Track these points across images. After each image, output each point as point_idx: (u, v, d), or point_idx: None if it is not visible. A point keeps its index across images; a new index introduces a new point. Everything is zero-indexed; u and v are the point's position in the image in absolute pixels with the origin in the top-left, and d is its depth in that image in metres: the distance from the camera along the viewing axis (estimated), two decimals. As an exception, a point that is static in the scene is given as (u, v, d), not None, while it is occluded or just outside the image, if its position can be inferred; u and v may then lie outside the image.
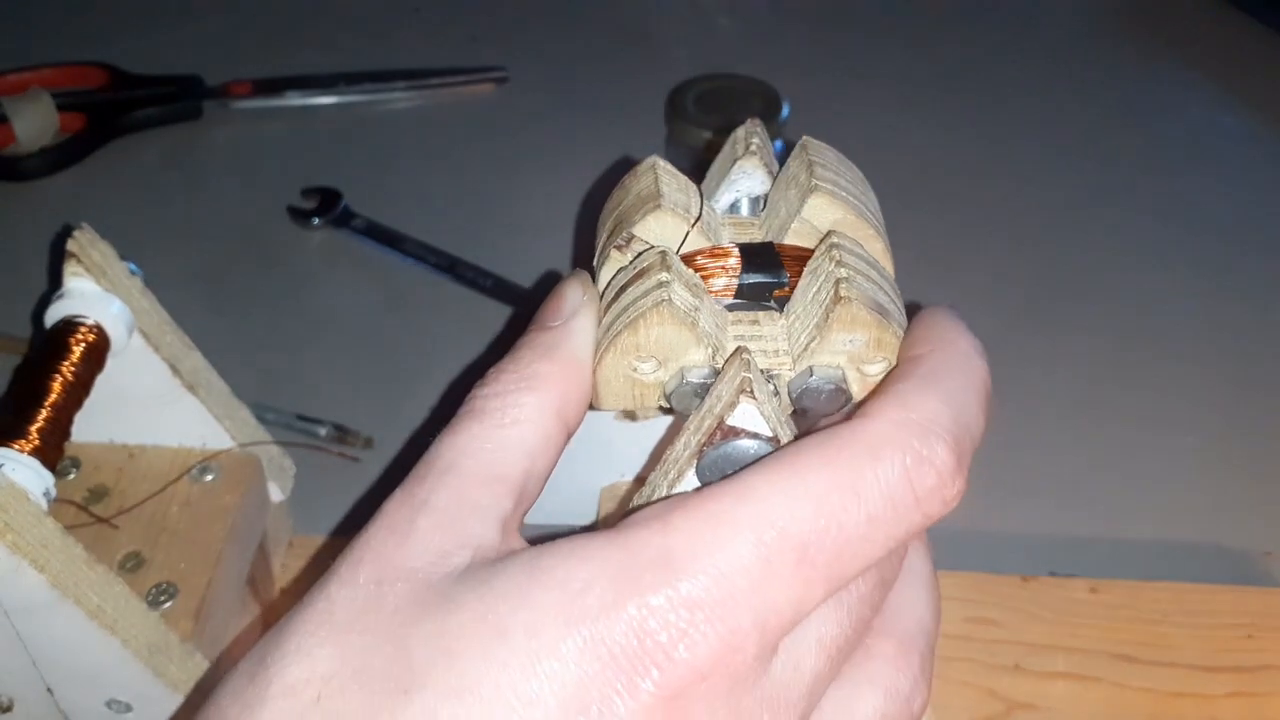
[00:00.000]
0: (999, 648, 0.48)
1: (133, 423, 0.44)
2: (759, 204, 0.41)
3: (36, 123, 0.73)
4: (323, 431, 0.57)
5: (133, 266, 0.42)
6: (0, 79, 0.76)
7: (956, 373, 0.29)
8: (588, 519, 0.50)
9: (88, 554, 0.35)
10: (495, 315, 0.64)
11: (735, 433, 0.31)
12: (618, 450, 0.47)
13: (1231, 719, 0.46)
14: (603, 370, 0.35)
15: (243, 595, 0.46)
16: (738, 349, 0.33)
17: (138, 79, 0.78)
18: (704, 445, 0.32)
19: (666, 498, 0.29)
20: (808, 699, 0.25)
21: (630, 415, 0.46)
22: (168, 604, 0.40)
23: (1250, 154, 0.77)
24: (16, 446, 0.36)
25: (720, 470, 0.32)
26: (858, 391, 0.35)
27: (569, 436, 0.30)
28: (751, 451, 0.31)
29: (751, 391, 0.31)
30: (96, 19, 0.86)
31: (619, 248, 0.37)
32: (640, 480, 0.47)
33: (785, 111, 0.69)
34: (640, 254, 0.37)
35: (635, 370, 0.35)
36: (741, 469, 0.27)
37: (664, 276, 0.34)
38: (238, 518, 0.44)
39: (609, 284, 0.37)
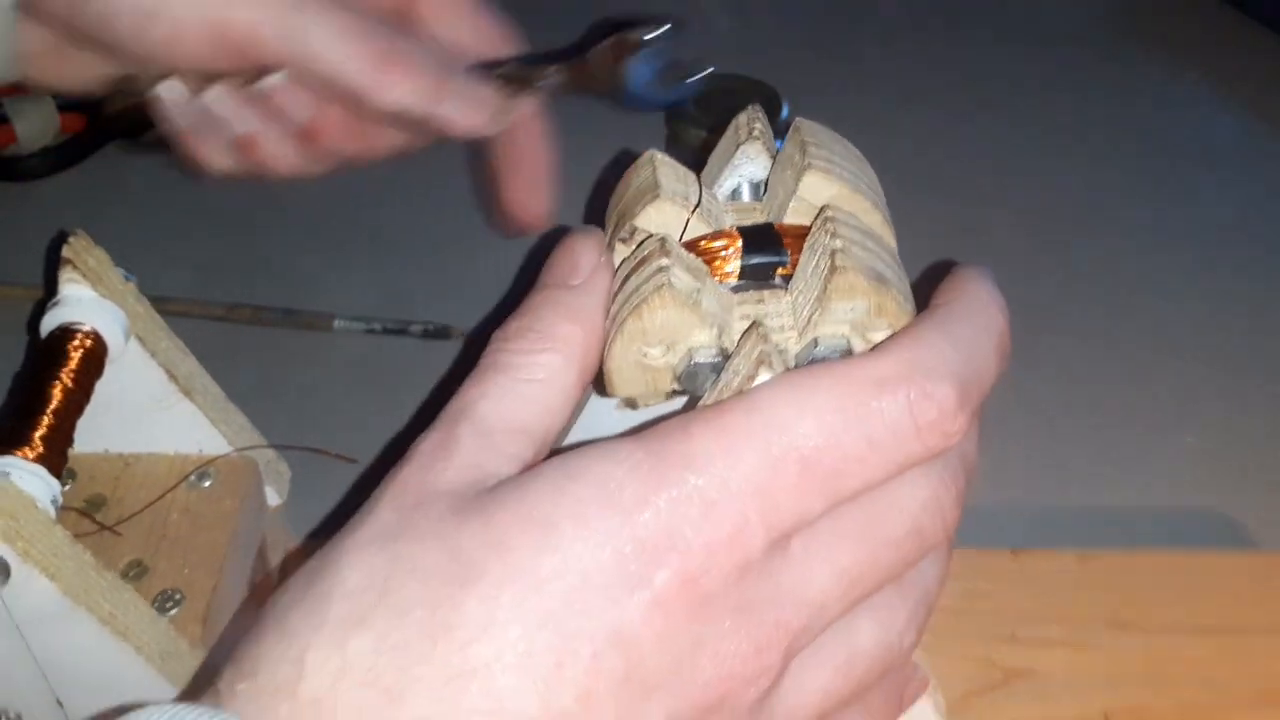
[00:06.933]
0: (994, 620, 0.49)
1: (129, 429, 0.44)
2: (760, 189, 0.41)
3: (37, 123, 0.73)
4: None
5: (126, 273, 0.42)
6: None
7: (971, 317, 0.31)
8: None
9: (96, 561, 0.35)
10: (496, 316, 0.64)
11: None
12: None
13: (1222, 680, 0.47)
14: (613, 359, 0.35)
15: (246, 599, 0.46)
16: (753, 324, 0.34)
17: (138, 79, 0.78)
18: None
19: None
20: (813, 611, 0.27)
21: (631, 403, 0.46)
22: (174, 610, 0.40)
23: (1250, 154, 0.78)
24: (21, 454, 0.36)
25: None
26: None
27: (584, 391, 0.33)
28: None
29: (770, 363, 0.31)
30: (96, 18, 0.86)
31: (623, 240, 0.37)
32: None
33: (785, 111, 0.69)
34: (641, 243, 0.37)
35: (645, 356, 0.35)
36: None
37: (664, 261, 0.34)
38: (238, 522, 0.44)
39: (614, 276, 0.37)
